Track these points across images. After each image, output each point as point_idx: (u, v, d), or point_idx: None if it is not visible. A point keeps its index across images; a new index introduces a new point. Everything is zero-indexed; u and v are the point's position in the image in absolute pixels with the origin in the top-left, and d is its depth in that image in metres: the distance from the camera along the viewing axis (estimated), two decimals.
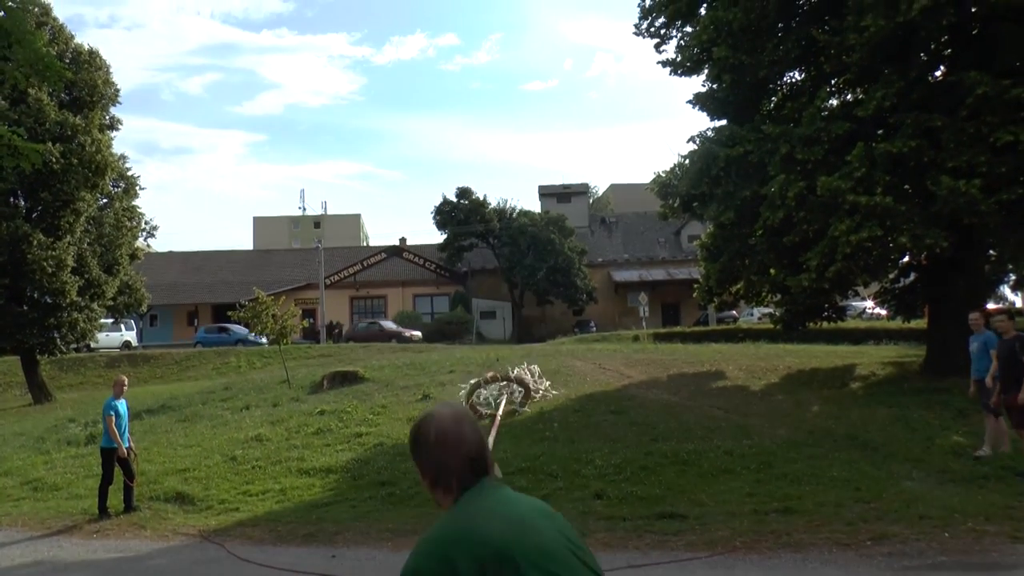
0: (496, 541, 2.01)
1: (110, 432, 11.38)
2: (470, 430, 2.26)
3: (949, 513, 8.65)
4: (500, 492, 2.22)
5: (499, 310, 55.23)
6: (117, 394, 11.75)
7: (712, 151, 18.50)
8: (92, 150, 26.43)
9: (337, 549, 8.95)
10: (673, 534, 8.63)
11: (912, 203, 15.73)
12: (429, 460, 2.24)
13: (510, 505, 2.17)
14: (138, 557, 9.31)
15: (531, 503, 2.26)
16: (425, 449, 2.25)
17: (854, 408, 15.21)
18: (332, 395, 19.18)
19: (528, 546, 2.03)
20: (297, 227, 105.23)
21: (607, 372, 19.77)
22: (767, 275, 18.89)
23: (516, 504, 2.19)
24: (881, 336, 31.05)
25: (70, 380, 34.44)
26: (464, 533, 2.05)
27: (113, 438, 11.37)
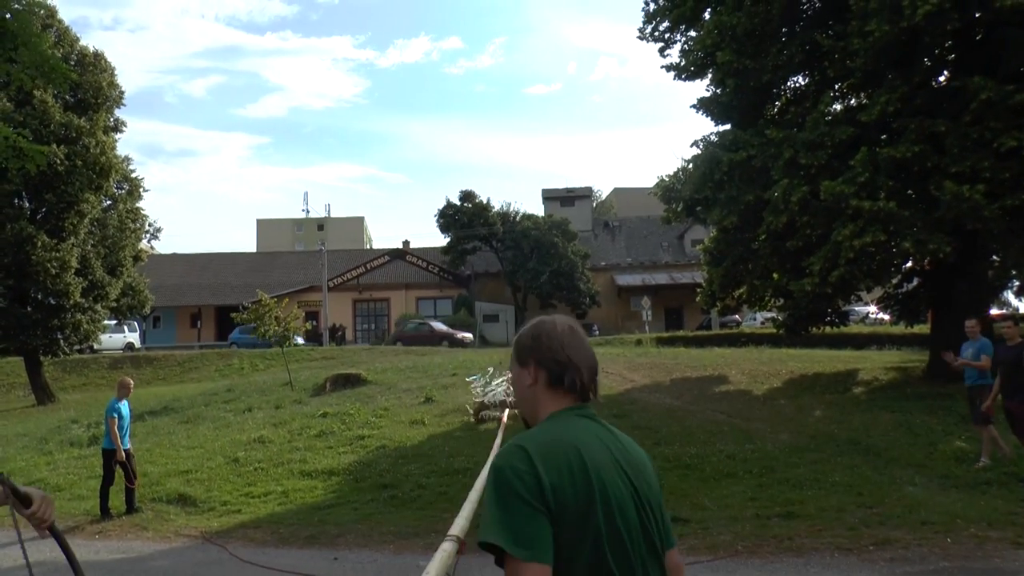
0: (589, 461, 1.97)
1: (111, 434, 11.39)
2: (589, 344, 2.20)
3: (951, 519, 8.64)
4: (606, 426, 2.16)
5: (502, 313, 55.20)
6: (121, 396, 11.75)
7: (716, 155, 18.52)
8: (96, 152, 26.51)
9: (339, 551, 8.96)
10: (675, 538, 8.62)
11: (915, 208, 15.72)
12: (553, 355, 2.13)
13: (616, 439, 2.13)
14: (140, 558, 9.32)
15: (636, 450, 2.18)
16: (549, 343, 2.15)
17: (856, 413, 15.19)
18: (335, 397, 19.20)
19: (613, 488, 1.98)
20: (300, 230, 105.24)
21: (610, 376, 19.77)
22: (770, 279, 18.90)
23: (621, 441, 2.15)
24: (884, 341, 31.02)
25: (73, 381, 34.49)
26: (561, 441, 1.99)
27: (113, 440, 11.37)
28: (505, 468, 1.91)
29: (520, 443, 1.97)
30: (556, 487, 1.89)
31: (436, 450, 13.36)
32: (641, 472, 2.12)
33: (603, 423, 2.17)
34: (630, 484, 2.05)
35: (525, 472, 1.89)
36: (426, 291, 57.72)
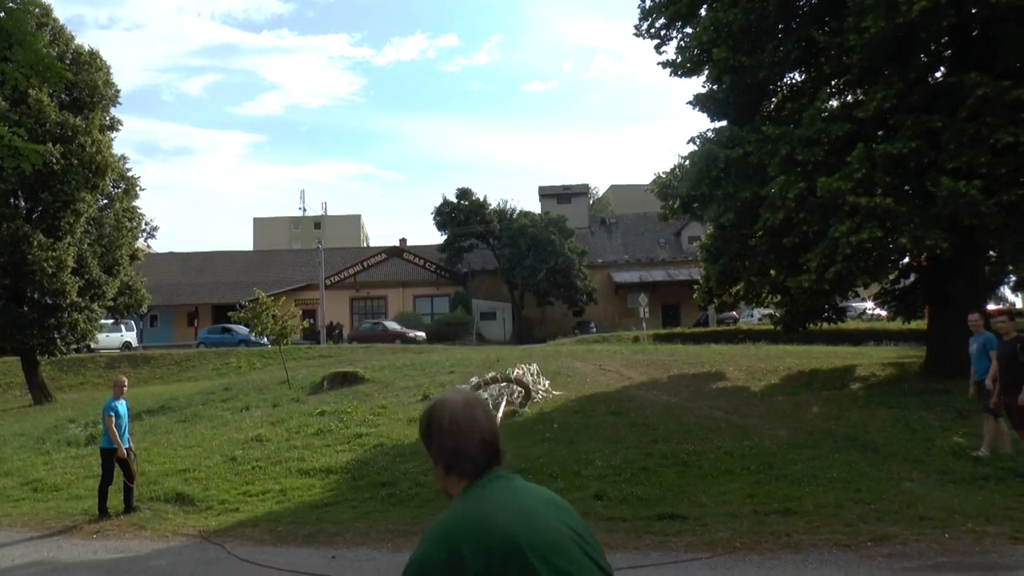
0: (504, 532, 2.01)
1: (110, 433, 11.38)
2: (483, 415, 2.25)
3: (949, 514, 8.65)
4: (512, 482, 2.21)
5: (499, 311, 55.20)
6: (117, 395, 11.75)
7: (712, 152, 18.51)
8: (92, 151, 26.45)
9: (337, 550, 8.95)
10: (673, 535, 8.63)
11: (912, 204, 15.73)
12: (443, 445, 2.22)
13: (520, 496, 2.17)
14: (138, 558, 9.31)
15: (542, 494, 2.24)
16: (438, 434, 2.23)
17: (854, 409, 15.21)
18: (332, 396, 19.19)
19: (536, 538, 2.02)
20: (297, 228, 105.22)
21: (607, 373, 19.78)
22: (767, 276, 18.91)
23: (527, 495, 2.19)
24: (881, 337, 31.05)
25: (70, 381, 34.45)
26: (473, 522, 2.05)
27: (113, 439, 11.36)
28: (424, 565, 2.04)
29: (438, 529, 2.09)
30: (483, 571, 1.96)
31: None
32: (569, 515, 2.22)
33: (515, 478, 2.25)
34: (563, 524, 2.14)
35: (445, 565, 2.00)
36: (423, 289, 57.72)
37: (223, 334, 46.59)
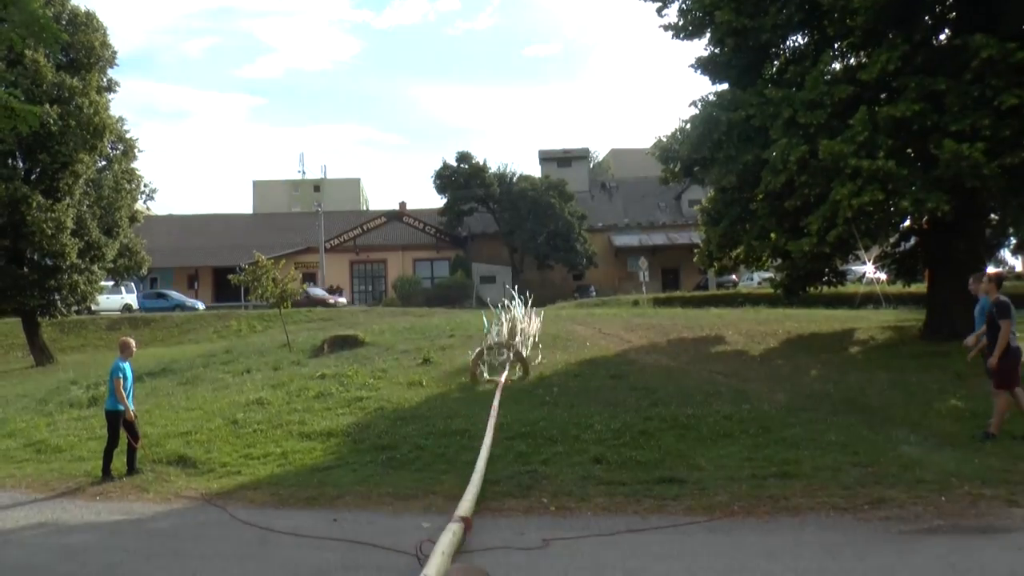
0: None
1: (117, 394, 11.41)
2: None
3: (946, 477, 8.71)
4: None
5: (499, 275, 55.21)
6: (126, 356, 11.77)
7: (714, 115, 18.40)
8: (90, 112, 26.31)
9: (338, 512, 9.01)
10: (672, 499, 8.68)
11: (914, 167, 15.67)
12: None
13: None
14: (141, 519, 9.37)
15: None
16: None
17: (853, 372, 15.26)
18: (332, 359, 19.24)
19: None
20: (297, 191, 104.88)
21: (607, 337, 19.81)
22: (768, 239, 18.87)
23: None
24: (881, 301, 31.05)
25: (71, 342, 34.54)
26: None
27: (120, 400, 11.40)
28: None
29: None
30: None
31: (434, 411, 13.40)
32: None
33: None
34: None
35: None
36: (423, 252, 57.69)
37: (158, 300, 47.44)
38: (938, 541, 7.00)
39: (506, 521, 8.34)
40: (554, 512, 8.57)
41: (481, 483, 8.98)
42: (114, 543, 8.30)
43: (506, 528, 8.06)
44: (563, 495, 9.08)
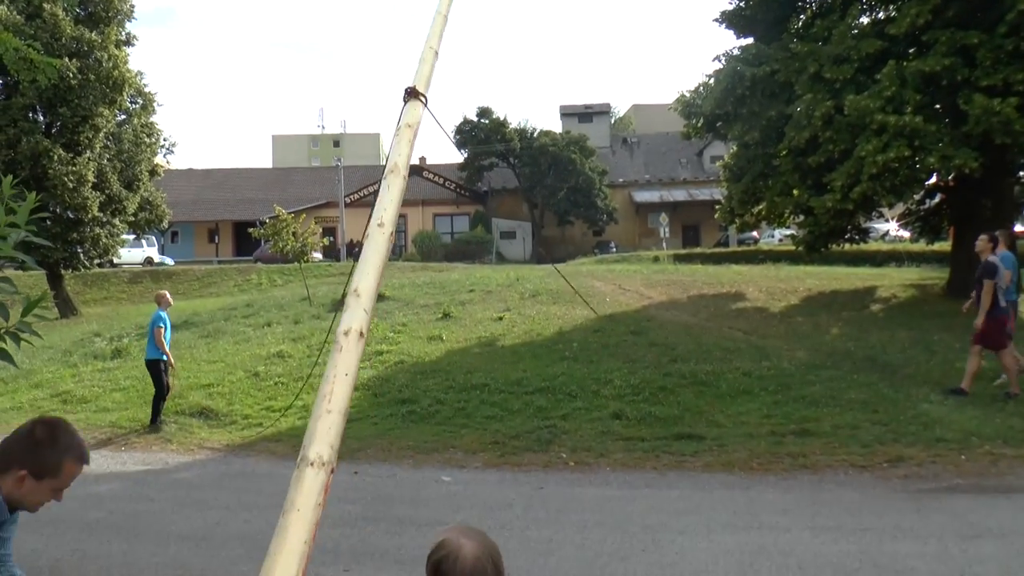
0: None
1: (158, 342, 11.55)
2: (494, 571, 2.11)
3: (966, 436, 8.69)
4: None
5: (519, 230, 55.07)
6: (164, 307, 11.94)
7: (738, 70, 18.14)
8: (109, 66, 26.28)
9: (359, 465, 9.11)
10: (691, 455, 8.72)
11: (942, 123, 15.41)
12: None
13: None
14: (165, 470, 9.52)
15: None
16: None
17: (874, 330, 15.17)
18: None
19: None
20: (316, 146, 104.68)
21: (627, 293, 19.77)
22: (790, 196, 18.69)
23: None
24: (903, 259, 30.80)
25: (94, 295, 34.85)
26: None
27: (162, 348, 11.56)
28: None
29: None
30: None
31: (454, 366, 13.47)
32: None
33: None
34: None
35: None
36: (443, 207, 57.57)
37: None
38: (957, 500, 7.00)
39: (525, 475, 8.40)
40: (573, 467, 8.63)
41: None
42: (139, 492, 8.45)
43: (525, 482, 8.13)
44: (582, 450, 9.14)
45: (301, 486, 1.95)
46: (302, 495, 1.94)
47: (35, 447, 2.54)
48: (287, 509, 1.91)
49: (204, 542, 6.66)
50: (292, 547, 1.86)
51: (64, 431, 2.60)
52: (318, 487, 1.96)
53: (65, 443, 2.57)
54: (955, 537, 6.02)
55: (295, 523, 1.90)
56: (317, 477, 1.97)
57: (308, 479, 1.96)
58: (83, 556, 6.43)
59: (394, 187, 2.63)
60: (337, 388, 2.11)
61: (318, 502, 1.96)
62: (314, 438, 2.03)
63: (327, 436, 2.04)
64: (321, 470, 1.98)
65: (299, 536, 1.89)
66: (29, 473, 2.51)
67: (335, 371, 2.14)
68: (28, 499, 2.56)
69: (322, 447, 2.02)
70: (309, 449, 2.00)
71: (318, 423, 2.06)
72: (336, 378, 2.13)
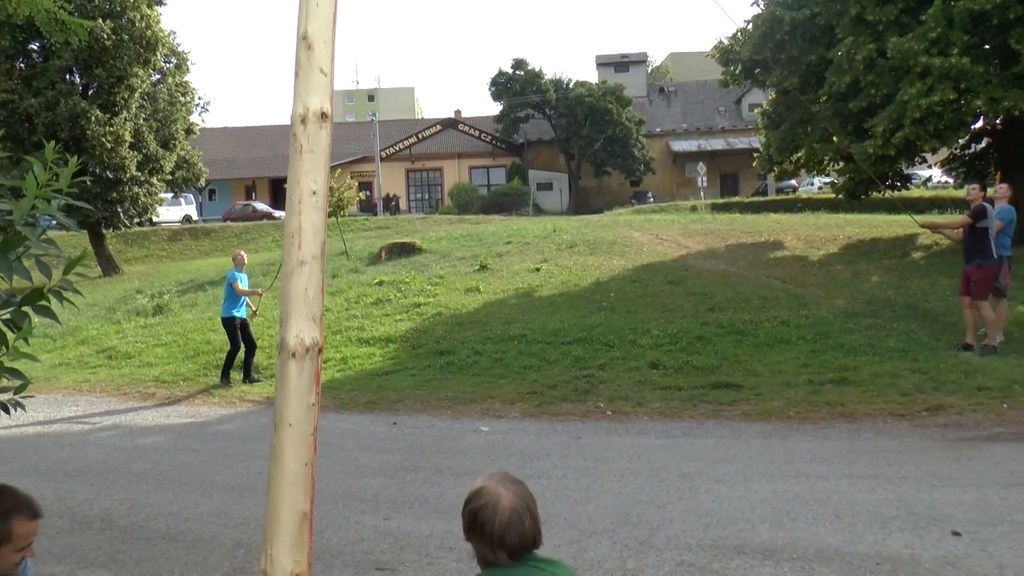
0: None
1: (239, 292, 11.80)
2: (531, 522, 2.11)
3: (1009, 384, 8.57)
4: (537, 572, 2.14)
5: (556, 181, 54.81)
6: (239, 266, 12.13)
7: (777, 15, 17.76)
8: (142, 26, 26.42)
9: (398, 416, 9.22)
10: (728, 404, 8.71)
11: (991, 64, 14.97)
12: (484, 555, 2.11)
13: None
14: (207, 422, 9.72)
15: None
16: (480, 541, 2.11)
17: (915, 278, 14.96)
18: (390, 266, 19.44)
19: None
20: (351, 101, 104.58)
21: (664, 242, 19.65)
22: (830, 143, 18.36)
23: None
24: (947, 205, 30.19)
25: (135, 254, 35.40)
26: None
27: (244, 295, 11.89)
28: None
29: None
30: None
31: (491, 317, 13.53)
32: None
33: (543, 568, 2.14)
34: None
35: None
36: (479, 160, 57.38)
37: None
38: (998, 448, 6.92)
39: (563, 425, 8.46)
40: (611, 416, 8.67)
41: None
42: (184, 444, 8.64)
43: (563, 432, 8.19)
44: (620, 399, 9.17)
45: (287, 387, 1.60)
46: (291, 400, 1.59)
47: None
48: (277, 424, 1.59)
49: (246, 491, 6.81)
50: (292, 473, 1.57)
51: (3, 496, 2.60)
52: (307, 382, 1.61)
53: (7, 507, 2.58)
54: (995, 485, 5.97)
55: (290, 441, 1.57)
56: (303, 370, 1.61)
57: (293, 375, 1.60)
58: (132, 505, 6.61)
59: None
60: (305, 219, 1.64)
61: (311, 403, 1.61)
62: (290, 312, 1.63)
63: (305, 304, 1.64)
64: (306, 358, 1.62)
65: (298, 457, 1.59)
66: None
67: (300, 189, 1.66)
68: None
69: (301, 324, 1.63)
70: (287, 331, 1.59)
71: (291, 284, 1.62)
72: (302, 201, 1.65)
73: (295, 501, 1.55)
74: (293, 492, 1.55)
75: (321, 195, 1.69)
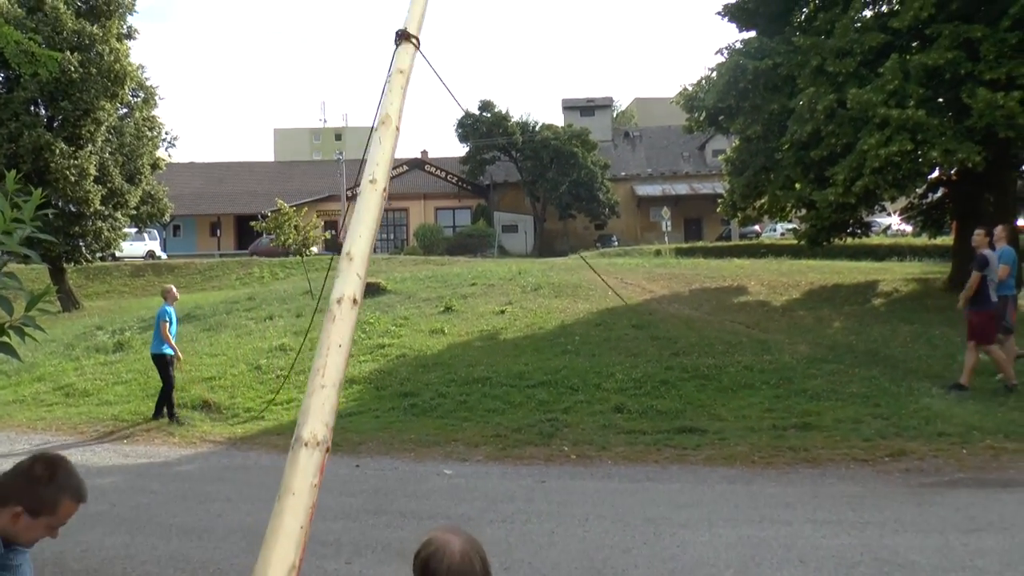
0: None
1: (164, 336, 11.56)
2: (481, 565, 2.11)
3: (968, 430, 8.68)
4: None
5: (521, 224, 55.05)
6: (170, 301, 11.96)
7: (741, 64, 18.10)
8: (110, 59, 26.28)
9: (361, 459, 9.12)
10: (692, 448, 8.72)
11: (945, 117, 15.38)
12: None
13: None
14: (167, 463, 9.54)
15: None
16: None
17: (876, 324, 15.16)
18: None
19: None
20: (318, 139, 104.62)
21: (629, 286, 19.76)
22: (793, 189, 18.67)
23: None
24: (905, 253, 30.75)
25: (96, 289, 34.88)
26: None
27: (168, 342, 11.59)
28: None
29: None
30: None
31: (456, 359, 13.48)
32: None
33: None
34: None
35: None
36: (445, 201, 57.51)
37: None
38: (959, 494, 7.00)
39: (527, 469, 8.42)
40: (575, 460, 8.64)
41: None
42: (142, 485, 8.47)
43: (527, 475, 8.14)
44: (584, 443, 9.15)
45: (295, 468, 1.90)
46: (297, 477, 1.89)
47: (33, 484, 2.52)
48: (282, 493, 1.86)
49: (206, 534, 6.68)
50: (288, 531, 1.82)
51: (63, 469, 2.59)
52: (313, 468, 1.91)
53: (63, 481, 2.56)
54: (956, 531, 6.03)
55: (291, 507, 1.85)
56: (312, 457, 1.92)
57: (302, 460, 1.91)
58: (86, 548, 6.44)
59: (386, 141, 2.47)
60: (331, 361, 2.05)
61: (313, 483, 1.91)
62: (308, 416, 1.98)
63: (321, 413, 1.99)
64: (316, 450, 1.93)
65: (295, 520, 1.85)
66: (25, 510, 2.50)
67: (328, 342, 2.07)
68: (23, 536, 2.54)
69: (316, 425, 1.97)
70: (303, 428, 1.95)
71: (312, 399, 2.00)
72: (329, 350, 2.06)
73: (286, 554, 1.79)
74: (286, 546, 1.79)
75: (345, 347, 2.12)
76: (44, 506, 2.52)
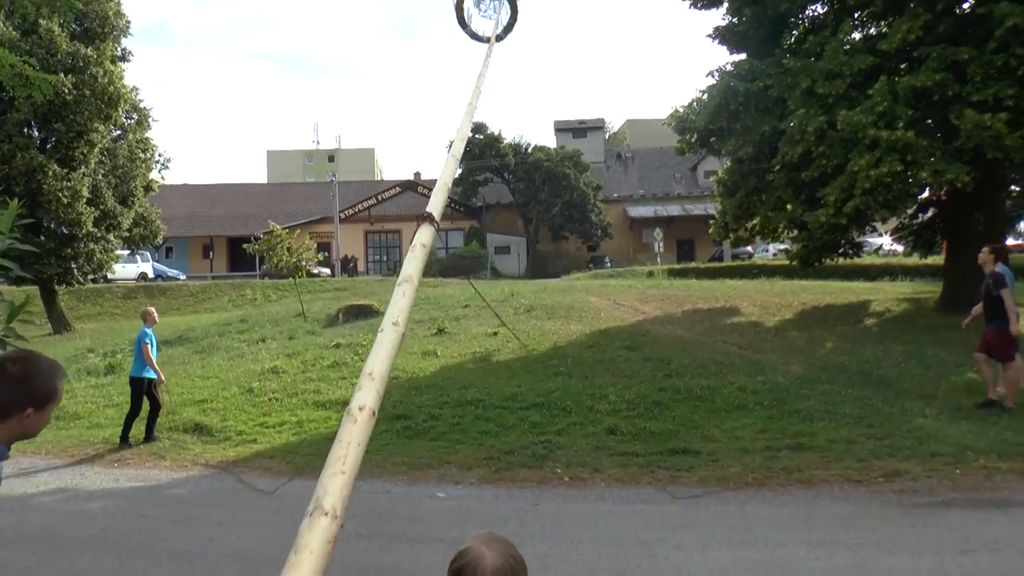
0: None
1: (147, 359, 11.50)
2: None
3: (961, 450, 8.68)
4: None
5: (514, 245, 55.14)
6: (150, 324, 11.90)
7: (731, 86, 18.23)
8: (104, 81, 26.36)
9: (354, 482, 9.06)
10: (686, 470, 8.70)
11: (934, 138, 15.50)
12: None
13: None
14: (158, 486, 9.47)
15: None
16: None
17: (868, 344, 15.18)
18: (347, 328, 19.30)
19: None
20: (311, 161, 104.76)
21: (621, 308, 19.78)
22: (784, 210, 18.76)
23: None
24: (897, 272, 30.88)
25: (88, 311, 34.79)
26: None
27: (151, 366, 11.52)
28: None
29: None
30: None
31: (448, 381, 13.45)
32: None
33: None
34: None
35: None
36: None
37: None
38: (952, 514, 6.99)
39: (520, 491, 8.38)
40: (568, 483, 8.61)
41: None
42: (132, 509, 8.40)
43: (520, 498, 8.11)
44: (577, 465, 9.12)
45: (314, 530, 1.94)
46: (315, 538, 1.92)
47: (27, 381, 2.49)
48: (299, 549, 1.88)
49: (197, 559, 6.62)
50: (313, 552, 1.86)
51: (38, 356, 2.55)
52: (331, 535, 1.94)
53: (48, 365, 2.54)
54: (951, 551, 6.01)
55: (306, 563, 1.87)
56: (331, 526, 1.96)
57: (322, 526, 1.95)
58: (75, 574, 6.39)
59: (408, 294, 2.79)
60: (351, 454, 2.19)
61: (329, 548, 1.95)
62: (328, 491, 2.05)
63: (340, 494, 2.06)
64: (334, 522, 1.98)
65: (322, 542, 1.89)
66: (34, 409, 2.48)
67: (349, 439, 2.22)
68: (32, 431, 2.53)
69: (336, 502, 2.03)
70: (324, 500, 2.01)
71: (332, 480, 2.08)
72: (350, 445, 2.21)
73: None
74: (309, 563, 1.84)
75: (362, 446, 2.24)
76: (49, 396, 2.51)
